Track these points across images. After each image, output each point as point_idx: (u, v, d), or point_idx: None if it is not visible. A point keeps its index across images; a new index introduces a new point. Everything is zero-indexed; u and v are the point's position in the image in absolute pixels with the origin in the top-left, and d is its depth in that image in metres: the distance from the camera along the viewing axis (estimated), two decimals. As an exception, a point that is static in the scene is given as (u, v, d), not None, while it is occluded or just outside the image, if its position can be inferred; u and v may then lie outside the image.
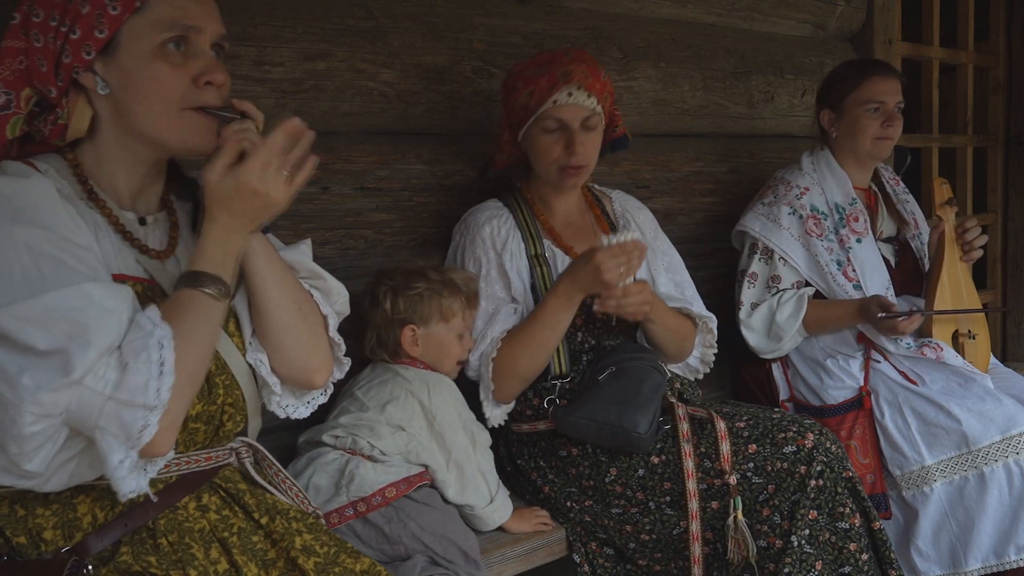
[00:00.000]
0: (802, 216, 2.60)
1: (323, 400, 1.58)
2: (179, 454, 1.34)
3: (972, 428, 2.33)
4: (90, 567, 1.26)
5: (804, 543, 1.89)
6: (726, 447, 1.97)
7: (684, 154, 2.94)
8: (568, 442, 2.09)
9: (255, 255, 1.41)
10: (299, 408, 1.54)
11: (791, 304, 2.56)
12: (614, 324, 2.14)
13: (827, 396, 2.55)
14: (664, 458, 2.01)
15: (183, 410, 1.23)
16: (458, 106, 2.35)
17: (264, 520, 1.39)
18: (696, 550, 1.95)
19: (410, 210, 2.29)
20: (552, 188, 2.19)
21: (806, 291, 2.59)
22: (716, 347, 2.28)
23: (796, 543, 1.88)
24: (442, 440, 1.89)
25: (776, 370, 2.70)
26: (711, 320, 2.24)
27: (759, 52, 3.13)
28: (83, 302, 1.15)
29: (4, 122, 1.32)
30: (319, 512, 1.57)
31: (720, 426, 1.99)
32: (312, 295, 1.52)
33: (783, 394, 2.68)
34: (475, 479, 1.93)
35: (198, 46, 1.32)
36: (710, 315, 2.25)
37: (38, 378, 1.10)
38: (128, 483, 1.16)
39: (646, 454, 2.02)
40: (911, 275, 2.74)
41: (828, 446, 1.96)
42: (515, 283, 2.10)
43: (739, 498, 1.93)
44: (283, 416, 1.52)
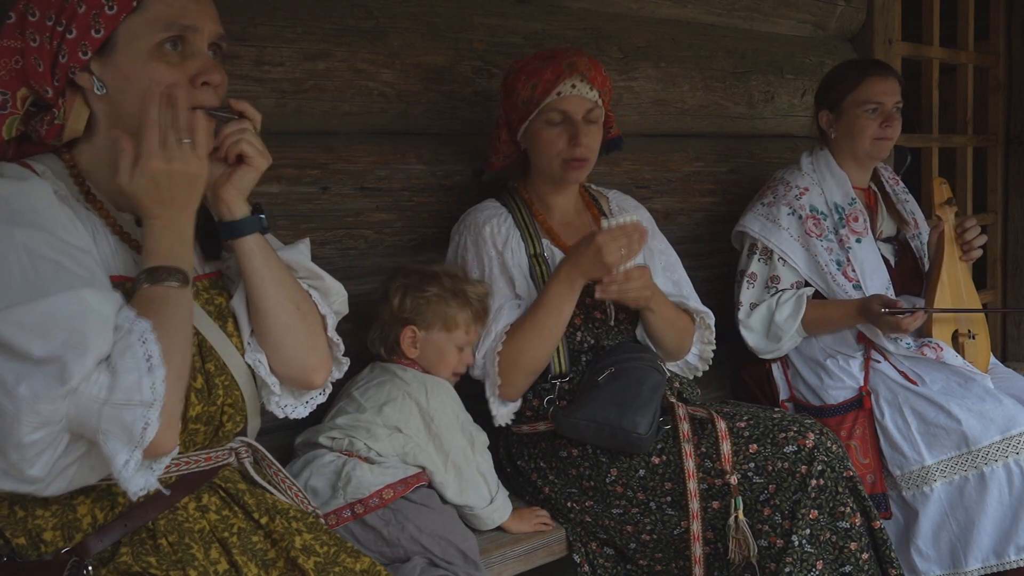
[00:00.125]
0: (801, 216, 2.60)
1: (322, 400, 1.57)
2: (179, 455, 1.33)
3: (972, 428, 2.33)
4: (90, 568, 1.26)
5: (805, 543, 1.88)
6: (727, 447, 1.96)
7: (684, 154, 2.94)
8: (568, 443, 2.08)
9: (253, 255, 1.41)
10: (298, 408, 1.54)
11: (790, 304, 2.56)
12: (612, 324, 2.14)
13: (827, 396, 2.55)
14: (665, 458, 2.00)
15: (178, 402, 1.22)
16: (458, 106, 2.35)
17: (264, 520, 1.39)
18: (697, 550, 1.95)
19: (410, 210, 2.29)
20: (552, 185, 2.18)
21: (805, 291, 2.59)
22: (715, 344, 2.27)
23: (797, 542, 1.88)
24: (439, 442, 1.89)
25: (776, 370, 2.69)
26: (708, 315, 2.24)
27: (759, 52, 3.13)
28: (80, 308, 1.15)
29: (0, 122, 1.31)
30: (319, 512, 1.57)
31: (721, 426, 1.99)
32: (310, 295, 1.51)
33: (783, 394, 2.68)
34: (474, 480, 1.93)
35: (195, 46, 1.31)
36: (707, 310, 2.25)
37: (35, 387, 1.09)
38: (136, 482, 1.16)
39: (647, 454, 2.01)
40: (911, 275, 2.74)
41: (829, 446, 1.96)
42: (518, 280, 2.10)
43: (740, 498, 1.93)
44: (282, 416, 1.52)
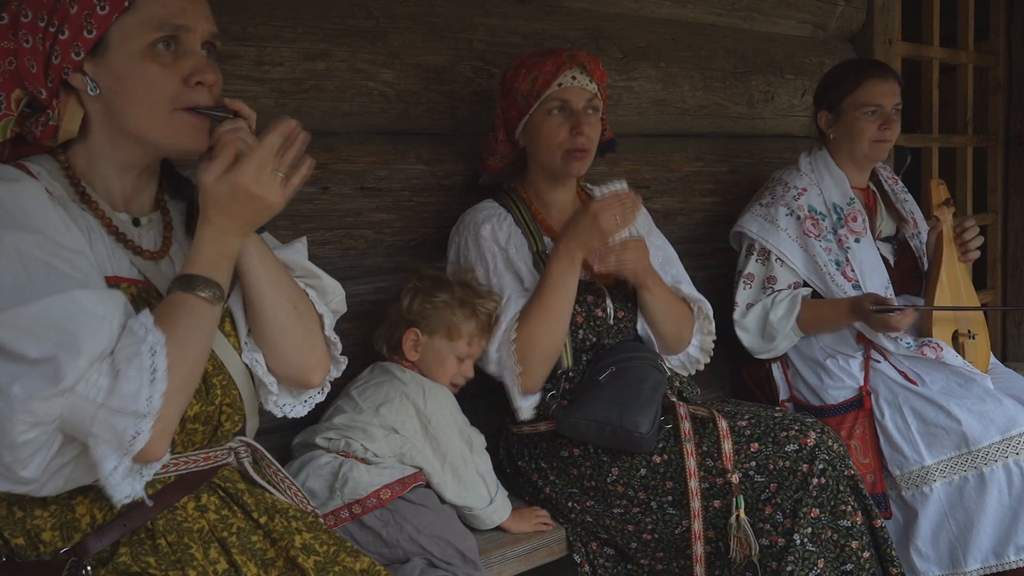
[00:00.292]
0: (800, 217, 2.59)
1: (320, 399, 1.57)
2: (177, 454, 1.34)
3: (972, 428, 2.33)
4: (89, 568, 1.26)
5: (806, 541, 1.88)
6: (728, 446, 1.96)
7: (684, 154, 2.94)
8: (569, 443, 2.08)
9: (249, 254, 1.40)
10: (296, 407, 1.53)
11: (784, 304, 2.56)
12: (612, 323, 2.14)
13: (827, 396, 2.55)
14: (666, 457, 2.00)
15: (177, 415, 1.22)
16: (458, 106, 2.35)
17: (263, 519, 1.39)
18: (698, 549, 1.95)
19: (410, 210, 2.29)
20: (552, 181, 2.19)
21: (800, 291, 2.58)
22: (715, 334, 2.27)
23: (798, 541, 1.88)
24: (437, 444, 1.89)
25: (776, 370, 2.69)
26: (705, 304, 2.24)
27: (759, 52, 3.13)
28: (73, 309, 1.14)
29: None
30: (318, 511, 1.57)
31: (722, 425, 1.99)
32: (307, 294, 1.51)
33: (783, 394, 2.68)
34: (473, 481, 1.93)
35: (188, 45, 1.31)
36: (703, 298, 2.25)
37: (29, 387, 1.09)
38: (122, 489, 1.16)
39: (648, 454, 2.01)
40: (910, 274, 2.74)
41: (830, 444, 1.96)
42: (524, 275, 2.09)
43: (741, 496, 1.93)
44: (280, 415, 1.52)
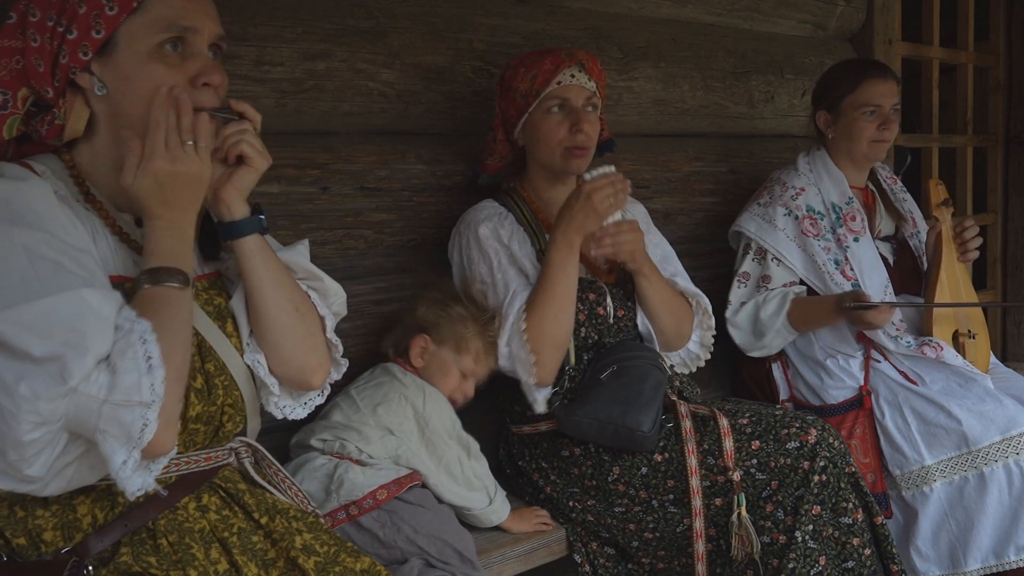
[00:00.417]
0: (798, 217, 2.60)
1: (320, 401, 1.57)
2: (179, 455, 1.34)
3: (972, 428, 2.33)
4: (90, 568, 1.26)
5: (808, 538, 1.89)
6: (729, 444, 1.97)
7: (684, 154, 2.94)
8: (570, 442, 2.09)
9: (252, 256, 1.41)
10: (296, 409, 1.54)
11: (775, 301, 2.56)
12: (612, 322, 2.14)
13: (827, 396, 2.55)
14: (667, 456, 2.00)
15: (177, 402, 1.22)
16: (458, 106, 2.35)
17: (264, 520, 1.39)
18: (700, 547, 1.96)
19: (410, 210, 2.29)
20: (551, 179, 2.19)
21: (792, 289, 2.58)
22: (714, 329, 2.27)
23: (800, 538, 1.88)
24: (433, 447, 1.89)
25: (776, 370, 2.69)
26: (703, 298, 2.24)
27: (759, 52, 3.13)
28: (80, 308, 1.15)
29: (1, 122, 1.31)
30: (318, 512, 1.57)
31: (723, 423, 1.99)
32: (309, 296, 1.51)
33: (783, 394, 2.68)
34: (472, 483, 1.93)
35: (195, 47, 1.31)
36: (700, 292, 2.25)
37: (35, 386, 1.09)
38: (134, 482, 1.16)
39: (649, 452, 2.01)
40: (910, 273, 2.74)
41: (831, 442, 1.96)
42: (528, 270, 2.09)
43: (743, 494, 1.93)
44: (280, 417, 1.52)
